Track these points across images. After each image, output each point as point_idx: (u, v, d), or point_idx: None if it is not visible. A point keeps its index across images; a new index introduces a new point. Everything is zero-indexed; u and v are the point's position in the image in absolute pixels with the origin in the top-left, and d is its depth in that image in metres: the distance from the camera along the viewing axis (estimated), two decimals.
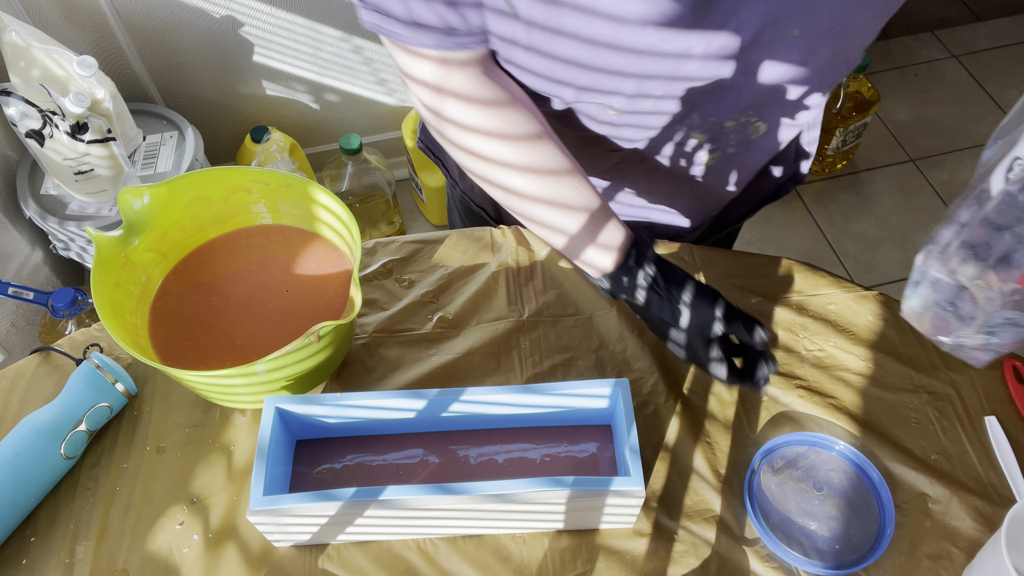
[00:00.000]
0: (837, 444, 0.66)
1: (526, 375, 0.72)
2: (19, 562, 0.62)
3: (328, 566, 0.62)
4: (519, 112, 0.61)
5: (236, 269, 0.75)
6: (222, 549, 0.63)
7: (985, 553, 0.58)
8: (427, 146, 0.93)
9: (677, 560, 0.62)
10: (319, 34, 1.52)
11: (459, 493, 0.55)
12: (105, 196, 1.33)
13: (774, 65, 0.60)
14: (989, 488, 0.65)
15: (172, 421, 0.70)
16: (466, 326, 0.76)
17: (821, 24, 0.57)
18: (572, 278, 0.79)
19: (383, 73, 1.65)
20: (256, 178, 0.72)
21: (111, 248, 0.67)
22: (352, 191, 1.66)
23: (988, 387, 0.71)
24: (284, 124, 1.70)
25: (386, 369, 0.73)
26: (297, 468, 0.65)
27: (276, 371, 0.62)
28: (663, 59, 0.57)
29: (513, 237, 0.82)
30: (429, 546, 0.63)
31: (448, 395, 0.62)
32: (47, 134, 1.21)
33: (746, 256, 0.80)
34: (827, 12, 0.56)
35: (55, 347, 0.73)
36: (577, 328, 0.75)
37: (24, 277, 1.41)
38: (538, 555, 0.62)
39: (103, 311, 0.62)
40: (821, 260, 1.78)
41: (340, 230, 0.72)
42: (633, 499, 0.58)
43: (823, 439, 0.67)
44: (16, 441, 0.63)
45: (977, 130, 2.02)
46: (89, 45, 1.43)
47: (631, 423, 0.59)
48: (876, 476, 0.65)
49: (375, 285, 0.79)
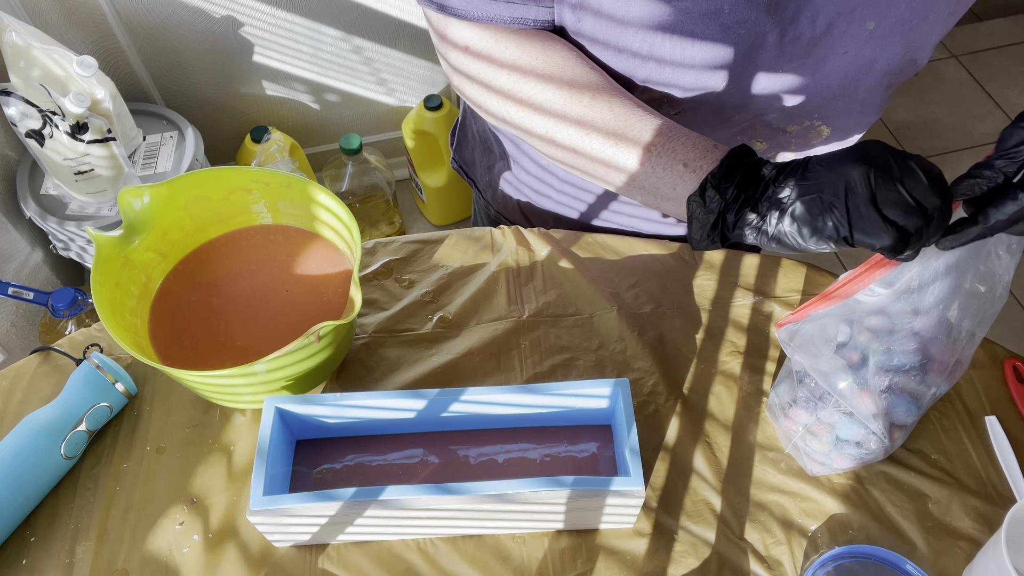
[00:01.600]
0: (906, 563, 0.59)
1: (526, 375, 0.72)
2: (19, 562, 0.62)
3: (328, 566, 0.62)
4: (573, 58, 0.59)
5: (236, 269, 0.75)
6: (222, 549, 0.63)
7: (985, 553, 0.58)
8: (460, 166, 0.93)
9: (677, 560, 0.62)
10: (319, 34, 1.52)
11: (459, 493, 0.55)
12: (105, 196, 1.33)
13: (845, 61, 0.58)
14: (989, 488, 0.65)
15: (172, 421, 0.70)
16: (466, 326, 0.76)
17: (897, 17, 0.55)
18: (572, 278, 0.79)
19: (383, 73, 1.65)
20: (256, 178, 0.72)
21: (111, 248, 0.67)
22: (352, 191, 1.66)
23: (988, 387, 0.71)
24: (284, 124, 1.70)
25: (386, 369, 0.73)
26: (297, 468, 0.65)
27: (276, 371, 0.62)
28: (729, 47, 0.55)
29: (513, 237, 0.82)
30: (429, 546, 0.63)
31: (448, 395, 0.62)
32: (47, 134, 1.21)
33: (746, 256, 0.80)
34: (904, 5, 0.54)
35: (55, 347, 0.73)
36: (577, 328, 0.75)
37: (24, 277, 1.41)
38: (538, 555, 0.62)
39: (103, 311, 0.62)
40: (821, 260, 1.78)
41: (340, 230, 0.72)
42: (633, 499, 0.58)
43: (890, 555, 0.60)
44: (16, 441, 0.63)
45: (977, 130, 2.02)
46: (89, 45, 1.43)
47: (631, 423, 0.59)
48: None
49: (375, 285, 0.79)
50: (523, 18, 0.58)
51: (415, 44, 1.60)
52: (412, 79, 1.68)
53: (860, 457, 0.62)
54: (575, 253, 0.81)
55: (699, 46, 0.56)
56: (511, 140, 0.80)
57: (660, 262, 0.80)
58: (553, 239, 0.82)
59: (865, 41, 0.57)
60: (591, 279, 0.78)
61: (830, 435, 0.62)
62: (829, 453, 0.63)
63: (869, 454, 0.62)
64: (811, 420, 0.62)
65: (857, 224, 0.45)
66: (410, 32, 1.57)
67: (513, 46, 0.59)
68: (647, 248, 0.81)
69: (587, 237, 0.82)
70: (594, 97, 0.57)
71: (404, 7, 1.52)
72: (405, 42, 1.59)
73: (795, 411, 0.63)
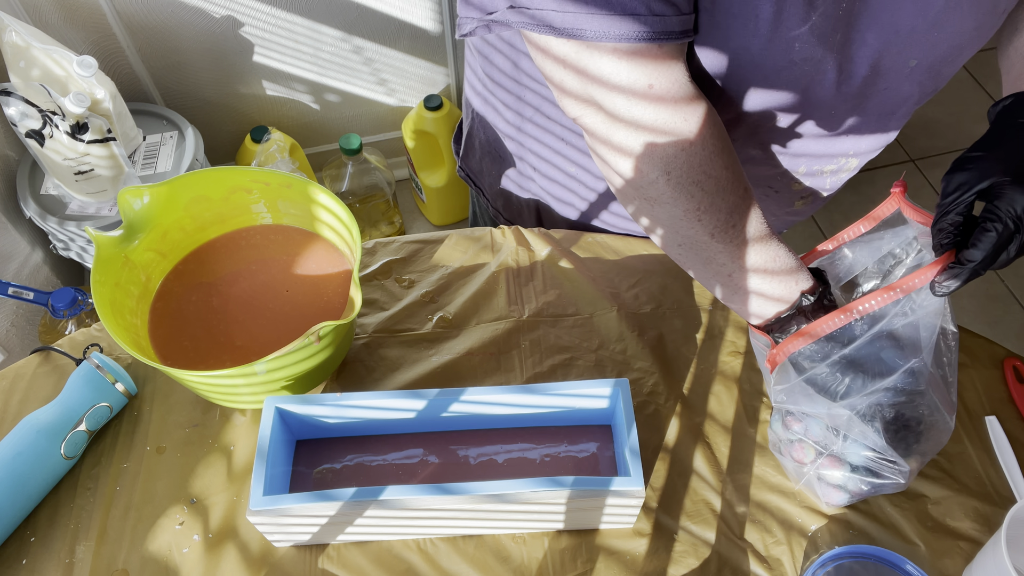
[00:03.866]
0: (906, 563, 0.59)
1: (526, 375, 0.72)
2: (19, 562, 0.62)
3: (328, 566, 0.62)
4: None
5: (236, 269, 0.75)
6: (222, 549, 0.63)
7: (985, 553, 0.58)
8: (468, 175, 0.93)
9: (677, 560, 0.62)
10: (319, 34, 1.52)
11: (459, 493, 0.55)
12: (105, 196, 1.33)
13: (885, 96, 0.59)
14: (989, 488, 0.65)
15: (172, 421, 0.70)
16: (466, 326, 0.76)
17: (938, 55, 0.57)
18: (572, 278, 0.79)
19: (383, 73, 1.65)
20: (256, 178, 0.72)
21: (111, 248, 0.67)
22: (352, 191, 1.66)
23: (988, 387, 0.71)
24: (284, 124, 1.70)
25: (386, 369, 0.73)
26: (297, 468, 0.65)
27: (276, 371, 0.62)
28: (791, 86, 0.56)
29: (513, 237, 0.82)
30: (429, 546, 0.63)
31: (448, 395, 0.62)
32: (47, 134, 1.21)
33: None
34: (946, 44, 0.56)
35: (55, 347, 0.73)
36: (577, 328, 0.75)
37: (24, 277, 1.41)
38: (538, 555, 0.62)
39: (103, 311, 0.62)
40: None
41: (340, 230, 0.72)
42: (633, 499, 0.58)
43: (890, 555, 0.60)
44: (16, 441, 0.63)
45: (977, 130, 2.02)
46: (89, 45, 1.43)
47: (631, 423, 0.59)
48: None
49: (375, 285, 0.79)
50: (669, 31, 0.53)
51: (415, 44, 1.60)
52: (412, 79, 1.68)
53: (879, 487, 0.61)
54: (575, 253, 0.81)
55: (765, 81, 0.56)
56: (530, 150, 0.79)
57: (660, 262, 0.80)
58: (553, 239, 0.82)
59: (905, 77, 0.58)
60: (591, 279, 0.78)
61: (844, 466, 0.61)
62: (846, 483, 0.61)
63: (887, 483, 0.60)
64: (818, 456, 0.62)
65: None
66: (410, 32, 1.57)
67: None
68: (647, 248, 0.81)
69: (587, 237, 0.82)
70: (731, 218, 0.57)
71: (404, 7, 1.52)
72: (405, 42, 1.59)
73: (798, 446, 0.63)
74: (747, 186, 0.56)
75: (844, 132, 0.63)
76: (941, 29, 0.55)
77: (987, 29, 0.57)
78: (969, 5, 0.54)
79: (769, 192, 0.73)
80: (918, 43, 0.55)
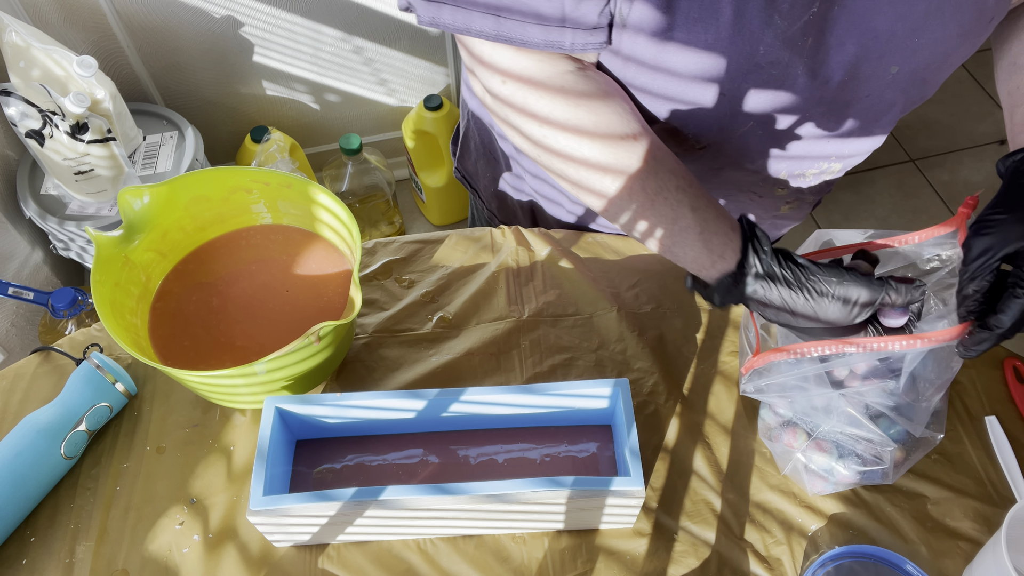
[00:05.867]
0: (906, 563, 0.59)
1: (526, 375, 0.72)
2: (19, 562, 0.62)
3: (328, 566, 0.62)
4: (614, 107, 0.57)
5: (236, 269, 0.75)
6: (222, 549, 0.63)
7: (985, 553, 0.58)
8: (464, 176, 0.93)
9: (677, 560, 0.62)
10: (319, 34, 1.52)
11: (459, 493, 0.55)
12: (105, 196, 1.33)
13: (868, 103, 0.59)
14: (989, 488, 0.65)
15: (172, 421, 0.70)
16: (466, 326, 0.76)
17: (920, 61, 0.56)
18: (572, 278, 0.79)
19: (383, 73, 1.65)
20: (256, 178, 0.72)
21: (111, 248, 0.67)
22: (352, 191, 1.66)
23: (988, 387, 0.71)
24: (284, 124, 1.70)
25: (386, 369, 0.73)
26: (297, 468, 0.65)
27: (276, 371, 0.62)
28: (762, 89, 0.56)
29: (513, 237, 0.82)
30: (429, 546, 0.63)
31: (448, 395, 0.62)
32: (47, 134, 1.21)
33: None
34: (927, 51, 0.55)
35: (55, 347, 0.73)
36: (577, 328, 0.75)
37: (24, 277, 1.41)
38: (538, 555, 0.62)
39: (103, 311, 0.62)
40: None
41: (340, 230, 0.72)
42: (633, 499, 0.58)
43: (890, 555, 0.60)
44: (16, 441, 0.63)
45: (977, 130, 2.02)
46: (89, 45, 1.43)
47: (631, 423, 0.59)
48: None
49: (375, 285, 0.79)
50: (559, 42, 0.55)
51: (415, 44, 1.60)
52: (412, 79, 1.68)
53: (864, 475, 0.62)
54: (575, 253, 0.81)
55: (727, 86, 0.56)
56: (517, 150, 0.80)
57: (660, 262, 0.80)
58: (553, 239, 0.82)
59: (887, 84, 0.57)
60: (591, 279, 0.78)
61: (832, 452, 0.61)
62: (832, 468, 0.62)
63: (873, 470, 0.61)
64: (807, 441, 0.62)
65: None
66: (410, 32, 1.57)
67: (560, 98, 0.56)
68: (647, 248, 0.81)
69: (587, 237, 0.82)
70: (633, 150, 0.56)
71: None
72: (405, 42, 1.59)
73: (789, 431, 0.63)
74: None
75: (824, 137, 0.63)
76: (921, 35, 0.54)
77: (973, 36, 0.56)
78: (951, 11, 0.53)
79: (753, 197, 0.73)
80: (898, 49, 0.55)
